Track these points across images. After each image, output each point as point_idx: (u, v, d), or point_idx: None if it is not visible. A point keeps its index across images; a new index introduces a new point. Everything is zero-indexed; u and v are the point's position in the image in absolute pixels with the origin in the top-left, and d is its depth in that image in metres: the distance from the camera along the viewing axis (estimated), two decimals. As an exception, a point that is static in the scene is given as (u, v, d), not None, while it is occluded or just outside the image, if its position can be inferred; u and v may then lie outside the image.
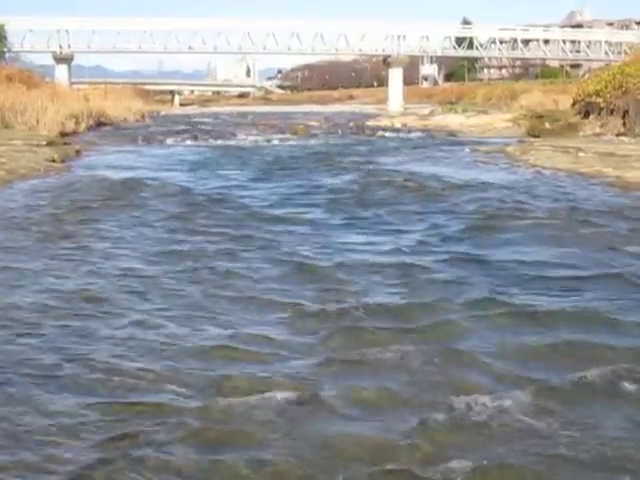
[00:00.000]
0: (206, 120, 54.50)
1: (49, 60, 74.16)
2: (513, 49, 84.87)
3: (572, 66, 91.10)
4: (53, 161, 21.41)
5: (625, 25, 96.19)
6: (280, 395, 5.23)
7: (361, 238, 11.20)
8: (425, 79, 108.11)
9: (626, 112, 27.59)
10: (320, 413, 5.08)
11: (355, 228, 12.09)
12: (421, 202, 14.61)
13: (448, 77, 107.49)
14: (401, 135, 37.71)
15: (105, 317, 7.18)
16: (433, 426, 4.84)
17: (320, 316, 7.16)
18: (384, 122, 48.04)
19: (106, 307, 7.48)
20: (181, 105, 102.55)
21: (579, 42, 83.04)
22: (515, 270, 8.98)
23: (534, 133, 31.52)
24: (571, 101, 34.14)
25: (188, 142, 32.91)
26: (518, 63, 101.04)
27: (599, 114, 29.47)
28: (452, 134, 37.76)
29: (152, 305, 7.61)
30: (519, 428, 4.81)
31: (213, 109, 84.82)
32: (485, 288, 8.12)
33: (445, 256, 9.76)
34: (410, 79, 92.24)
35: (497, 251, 10.13)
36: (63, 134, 29.72)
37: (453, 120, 45.75)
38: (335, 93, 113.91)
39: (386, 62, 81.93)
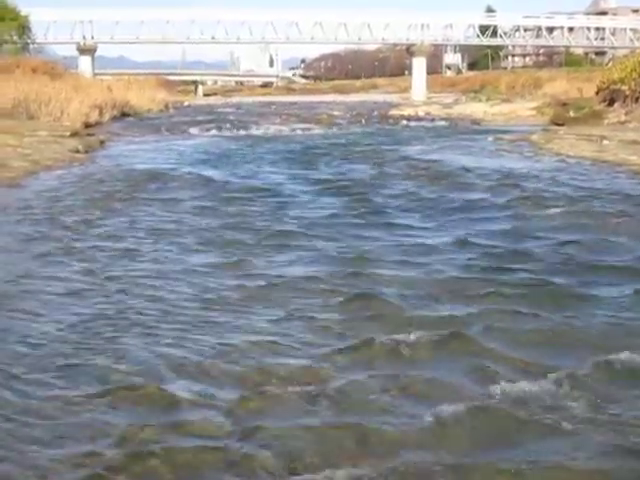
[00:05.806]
0: (229, 110, 54.60)
1: (73, 51, 74.54)
2: (537, 37, 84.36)
3: (596, 54, 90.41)
4: (77, 152, 21.49)
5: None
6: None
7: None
8: (449, 68, 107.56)
9: (651, 100, 27.40)
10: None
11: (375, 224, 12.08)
12: (445, 191, 14.58)
13: (472, 66, 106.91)
14: (425, 124, 37.60)
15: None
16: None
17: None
18: (407, 111, 48.00)
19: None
20: (204, 95, 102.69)
21: (604, 29, 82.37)
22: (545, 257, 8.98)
23: (558, 121, 31.32)
24: (595, 89, 33.93)
25: (212, 132, 32.95)
26: (542, 51, 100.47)
27: (624, 102, 29.28)
28: (476, 122, 37.69)
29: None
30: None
31: (236, 99, 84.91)
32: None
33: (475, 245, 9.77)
34: (433, 68, 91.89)
35: (525, 239, 10.11)
36: (87, 125, 29.84)
37: (477, 109, 45.63)
38: (358, 82, 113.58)
39: (409, 51, 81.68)
